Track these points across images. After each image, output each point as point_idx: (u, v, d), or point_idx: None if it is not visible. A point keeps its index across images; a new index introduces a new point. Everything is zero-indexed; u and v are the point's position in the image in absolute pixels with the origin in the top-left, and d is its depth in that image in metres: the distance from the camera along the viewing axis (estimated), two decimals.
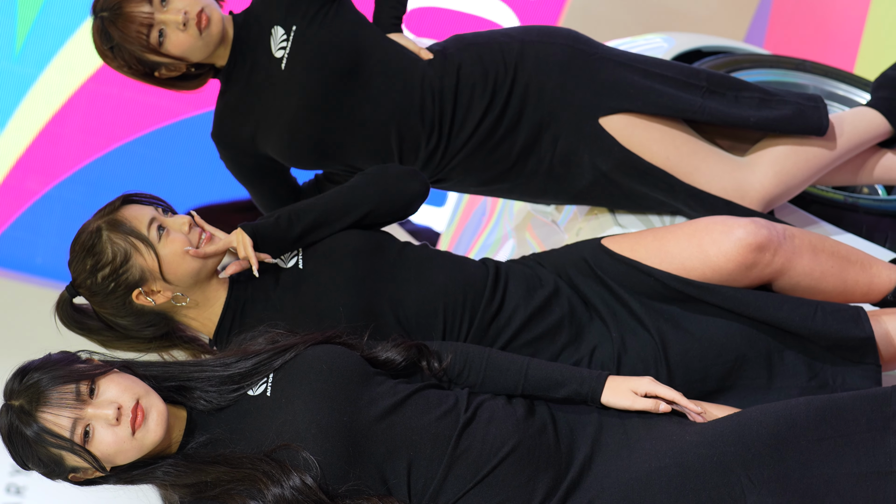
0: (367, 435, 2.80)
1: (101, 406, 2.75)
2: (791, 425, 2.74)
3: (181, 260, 3.10)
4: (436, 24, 7.43)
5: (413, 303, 3.20)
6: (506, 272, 3.29)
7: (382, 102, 3.66)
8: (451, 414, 2.85)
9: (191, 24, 3.52)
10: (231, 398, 2.87)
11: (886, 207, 4.10)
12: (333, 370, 2.85)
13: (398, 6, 3.75)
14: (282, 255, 3.22)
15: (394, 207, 3.31)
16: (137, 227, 3.08)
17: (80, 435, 2.74)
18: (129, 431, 2.75)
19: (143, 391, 2.80)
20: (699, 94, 3.72)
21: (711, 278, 3.23)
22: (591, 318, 3.26)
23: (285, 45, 3.63)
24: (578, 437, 2.88)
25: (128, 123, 7.78)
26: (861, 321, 3.22)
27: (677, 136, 3.71)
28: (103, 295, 3.10)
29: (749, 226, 3.23)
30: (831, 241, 3.35)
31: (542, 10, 7.44)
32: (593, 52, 3.75)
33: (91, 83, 7.62)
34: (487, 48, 3.73)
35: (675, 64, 3.81)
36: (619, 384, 2.95)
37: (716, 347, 3.21)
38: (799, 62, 4.57)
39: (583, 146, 3.69)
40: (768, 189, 3.71)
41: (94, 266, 3.08)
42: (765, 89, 3.78)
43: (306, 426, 2.78)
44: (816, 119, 3.74)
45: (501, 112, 3.68)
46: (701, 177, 3.70)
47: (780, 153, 3.74)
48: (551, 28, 3.82)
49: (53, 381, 2.76)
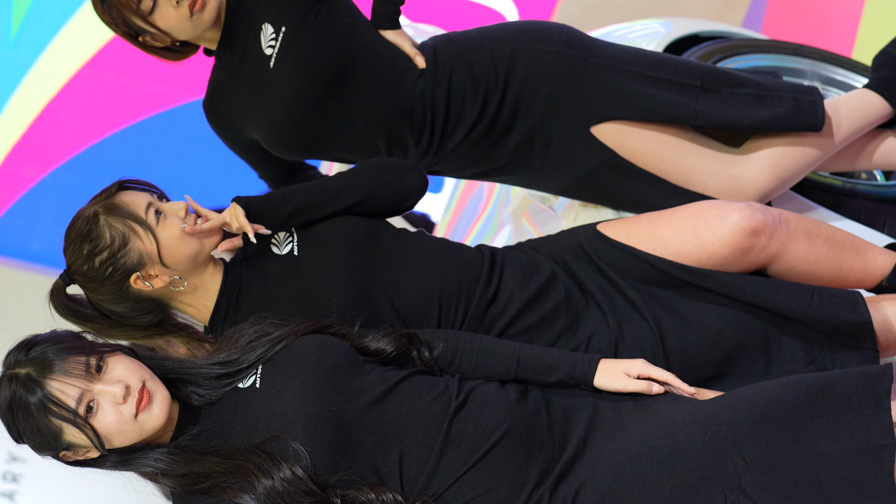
0: (357, 424, 2.80)
1: (109, 383, 2.75)
2: (783, 404, 2.74)
3: (179, 243, 3.09)
4: (432, 9, 7.41)
5: (408, 289, 3.19)
6: (501, 259, 3.28)
7: (371, 109, 3.64)
8: (441, 398, 2.86)
9: (184, 4, 3.50)
10: (222, 393, 2.87)
11: (885, 193, 4.09)
12: (322, 360, 2.86)
13: (396, 0, 3.71)
14: (276, 232, 3.21)
15: (390, 199, 3.31)
16: (135, 211, 3.08)
17: (84, 408, 2.74)
18: (133, 412, 2.75)
19: (149, 375, 2.81)
20: (693, 96, 3.68)
21: (706, 263, 3.22)
22: (587, 304, 3.26)
23: (274, 45, 3.60)
24: (573, 420, 2.88)
25: (124, 110, 7.76)
26: (858, 305, 3.21)
27: (670, 137, 3.68)
28: (100, 281, 3.10)
29: (744, 210, 3.22)
30: (826, 226, 3.34)
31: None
32: (585, 57, 3.69)
33: (87, 69, 7.60)
34: (478, 55, 3.68)
35: (669, 62, 3.74)
36: (612, 367, 2.95)
37: (713, 334, 3.20)
38: (797, 47, 4.55)
39: (574, 152, 3.68)
40: (764, 185, 3.69)
41: (91, 251, 3.08)
42: (761, 83, 3.73)
43: (295, 417, 2.78)
44: (812, 115, 3.70)
45: (493, 120, 3.66)
46: (696, 176, 3.67)
47: (776, 146, 3.72)
48: (544, 28, 3.75)
49: (63, 351, 2.76)
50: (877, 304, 3.27)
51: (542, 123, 3.67)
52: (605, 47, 3.74)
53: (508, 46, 3.69)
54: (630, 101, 3.65)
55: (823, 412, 2.72)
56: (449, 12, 7.25)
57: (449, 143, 3.68)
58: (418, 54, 3.67)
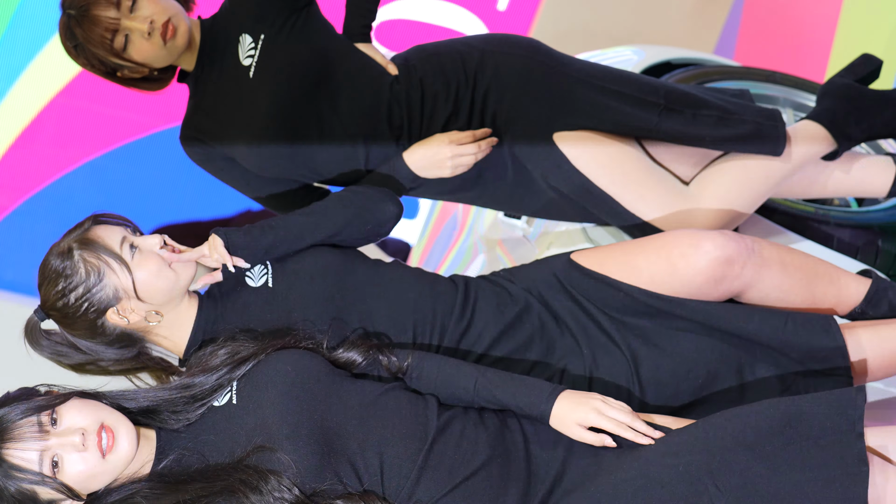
0: (338, 432, 2.81)
1: (64, 434, 2.74)
2: (756, 431, 2.74)
3: (155, 277, 3.09)
4: (405, 37, 7.42)
5: (383, 320, 3.19)
6: (475, 289, 3.29)
7: (350, 113, 3.66)
8: (423, 415, 2.88)
9: (155, 34, 3.52)
10: (198, 414, 2.86)
11: (858, 220, 4.10)
12: (300, 372, 2.87)
13: (368, 15, 3.74)
14: (254, 265, 3.21)
15: (366, 228, 3.35)
16: (110, 246, 3.07)
17: (49, 466, 2.72)
18: (99, 455, 2.74)
19: (106, 413, 2.78)
20: (656, 113, 3.69)
21: (680, 292, 3.23)
22: (562, 334, 3.26)
23: (253, 54, 3.62)
24: (549, 454, 2.88)
25: (98, 138, 7.75)
26: (832, 330, 3.22)
27: (626, 161, 3.68)
28: (74, 316, 3.08)
29: (718, 239, 3.22)
30: (800, 253, 3.34)
31: (512, 22, 7.44)
32: (552, 64, 3.73)
33: (61, 97, 7.58)
34: (448, 57, 3.73)
35: (634, 79, 3.76)
36: (566, 416, 2.91)
37: (687, 363, 3.21)
38: (769, 73, 4.57)
39: (535, 160, 3.69)
40: (712, 223, 3.68)
41: (66, 287, 3.06)
42: (725, 107, 3.73)
43: (277, 427, 2.78)
44: (773, 140, 3.70)
45: (467, 121, 3.68)
46: (645, 206, 3.68)
47: (725, 183, 3.70)
48: (513, 37, 3.81)
49: (14, 416, 2.74)
50: (850, 330, 3.28)
51: (507, 125, 3.68)
52: (571, 60, 3.78)
53: (478, 50, 3.74)
54: (594, 110, 3.67)
55: (797, 439, 2.72)
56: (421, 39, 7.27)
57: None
58: (389, 63, 3.71)
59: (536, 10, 7.44)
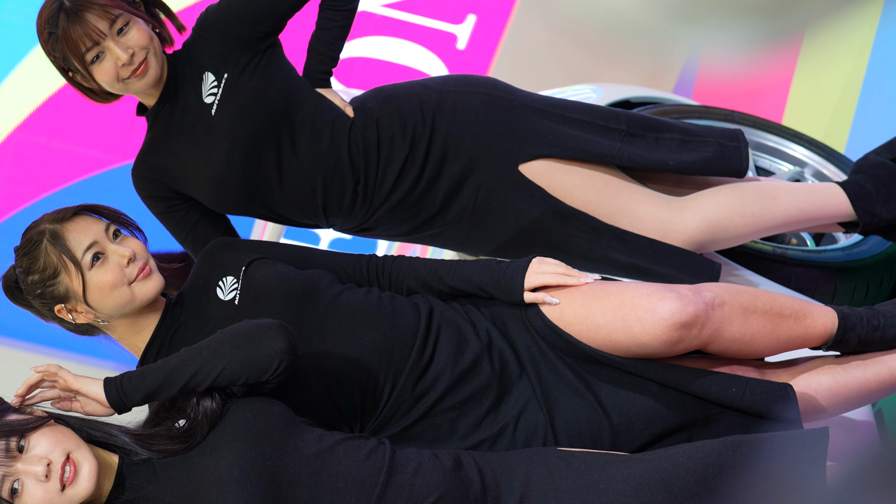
0: (290, 480, 2.79)
1: (30, 462, 2.73)
2: (717, 470, 2.74)
3: (108, 292, 3.10)
4: (365, 75, 7.43)
5: (337, 358, 3.17)
6: (438, 322, 3.25)
7: (310, 154, 3.67)
8: (373, 457, 2.87)
9: (127, 68, 3.51)
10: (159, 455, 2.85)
11: (815, 258, 4.11)
12: (258, 417, 2.86)
13: (328, 61, 3.75)
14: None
15: (250, 367, 2.92)
16: (73, 248, 3.08)
17: (7, 490, 2.72)
18: (59, 487, 2.73)
19: (73, 445, 2.77)
20: (618, 139, 3.72)
21: (638, 353, 3.17)
22: (520, 375, 3.23)
23: (216, 92, 3.62)
24: (505, 489, 2.88)
25: (55, 174, 7.71)
26: (789, 401, 3.19)
27: (598, 177, 3.70)
28: (31, 295, 3.13)
29: (675, 303, 3.14)
30: (765, 297, 3.28)
31: (471, 61, 7.47)
32: (511, 98, 3.75)
33: (18, 133, 7.55)
34: (406, 99, 3.73)
35: (594, 108, 3.79)
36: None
37: (641, 421, 3.20)
38: (728, 113, 4.59)
39: (505, 192, 3.70)
40: (692, 234, 3.70)
41: (27, 268, 3.11)
42: (687, 129, 3.77)
43: (229, 469, 2.77)
44: (736, 161, 3.75)
45: (423, 162, 3.69)
46: (623, 218, 3.70)
47: (717, 203, 3.73)
48: (471, 77, 3.83)
49: None
50: (812, 371, 3.29)
51: (471, 165, 3.70)
52: (530, 94, 3.81)
53: (436, 91, 3.75)
54: (557, 139, 3.68)
55: (757, 478, 2.72)
56: (383, 79, 7.26)
57: (381, 190, 3.70)
58: (348, 106, 3.72)
59: (496, 50, 7.46)
